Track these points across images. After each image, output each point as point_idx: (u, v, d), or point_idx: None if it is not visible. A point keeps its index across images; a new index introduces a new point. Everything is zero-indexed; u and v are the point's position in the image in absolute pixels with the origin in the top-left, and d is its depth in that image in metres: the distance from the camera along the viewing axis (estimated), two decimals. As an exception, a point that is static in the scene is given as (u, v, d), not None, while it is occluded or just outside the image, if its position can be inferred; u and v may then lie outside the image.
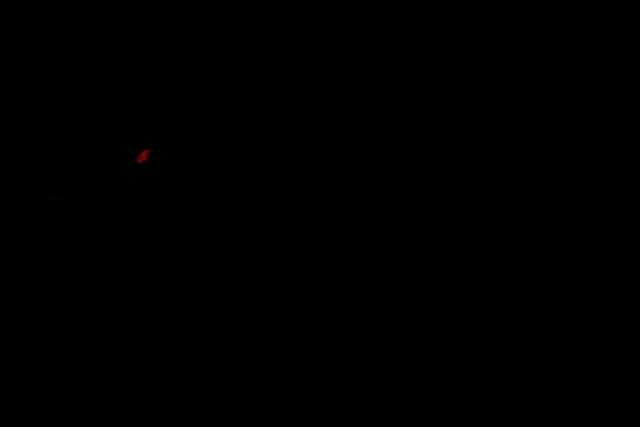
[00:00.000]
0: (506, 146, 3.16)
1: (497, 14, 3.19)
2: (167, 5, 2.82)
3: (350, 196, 3.22)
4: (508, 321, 2.99)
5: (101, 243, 2.83)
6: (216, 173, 2.94)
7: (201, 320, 2.87)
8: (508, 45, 3.19)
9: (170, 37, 2.87)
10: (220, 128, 2.96)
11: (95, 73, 2.81)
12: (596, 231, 3.14)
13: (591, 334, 2.89)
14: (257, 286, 2.98)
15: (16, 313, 2.69)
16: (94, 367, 2.69)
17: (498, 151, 3.16)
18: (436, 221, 3.21)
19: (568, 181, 3.16)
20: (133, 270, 2.90)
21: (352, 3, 3.23)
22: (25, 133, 2.79)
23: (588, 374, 2.64)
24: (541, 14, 3.19)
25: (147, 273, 2.89)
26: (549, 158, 3.16)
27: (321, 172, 3.16)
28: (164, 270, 2.94)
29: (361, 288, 3.15)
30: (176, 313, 2.91)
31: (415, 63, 3.20)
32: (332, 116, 3.13)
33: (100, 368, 2.69)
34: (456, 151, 3.18)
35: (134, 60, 2.79)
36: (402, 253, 3.18)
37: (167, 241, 2.91)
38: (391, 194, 3.22)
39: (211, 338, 2.83)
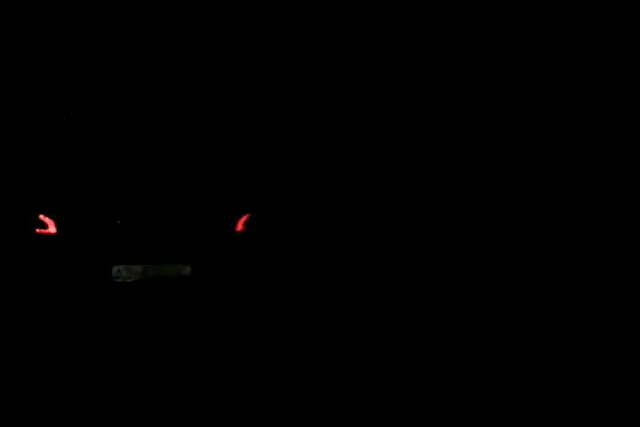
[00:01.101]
0: (505, 146, 3.16)
1: (497, 14, 3.19)
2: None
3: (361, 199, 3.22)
4: (506, 320, 2.99)
5: None
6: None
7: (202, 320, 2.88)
8: (507, 45, 3.18)
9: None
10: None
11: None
12: (594, 230, 3.13)
13: (590, 334, 2.89)
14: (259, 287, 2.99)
15: None
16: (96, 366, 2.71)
17: (497, 152, 3.15)
18: (435, 219, 3.20)
19: (567, 181, 3.14)
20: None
21: (352, 3, 3.23)
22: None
23: (586, 374, 2.65)
24: (541, 14, 3.18)
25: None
26: (549, 158, 3.15)
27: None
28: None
29: (361, 288, 3.15)
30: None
31: (415, 63, 3.19)
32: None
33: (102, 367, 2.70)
34: (456, 151, 3.18)
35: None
36: (401, 253, 3.18)
37: None
38: (391, 194, 3.22)
39: (211, 338, 2.84)
